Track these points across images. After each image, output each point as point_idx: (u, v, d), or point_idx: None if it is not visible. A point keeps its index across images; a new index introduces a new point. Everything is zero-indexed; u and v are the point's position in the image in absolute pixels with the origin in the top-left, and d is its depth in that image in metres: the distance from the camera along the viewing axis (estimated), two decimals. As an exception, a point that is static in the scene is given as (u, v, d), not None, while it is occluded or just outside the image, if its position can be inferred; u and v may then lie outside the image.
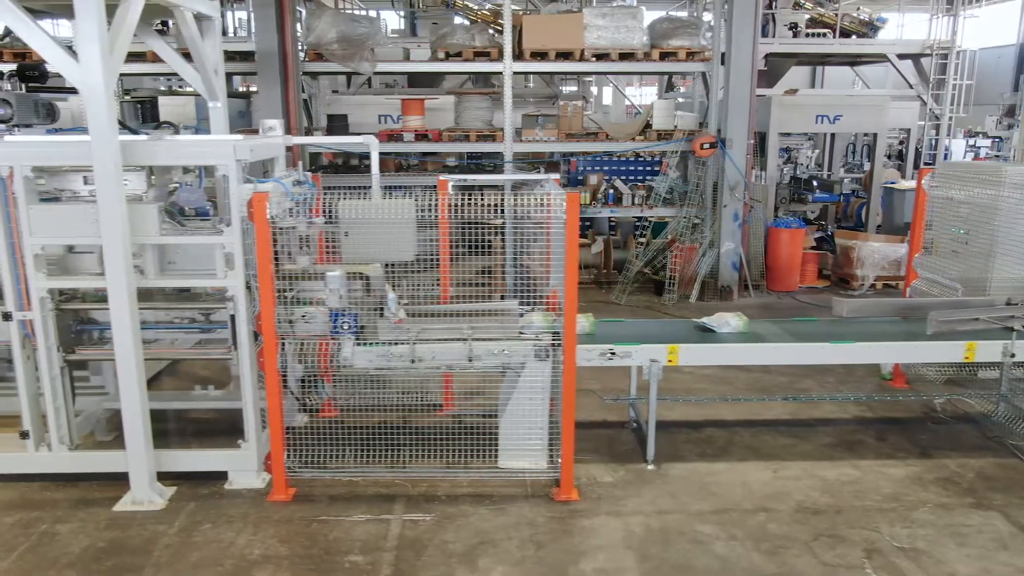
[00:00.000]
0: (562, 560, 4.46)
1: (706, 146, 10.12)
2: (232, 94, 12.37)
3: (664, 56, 10.28)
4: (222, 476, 5.29)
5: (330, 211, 5.21)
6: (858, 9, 15.76)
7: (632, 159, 12.31)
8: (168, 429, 5.95)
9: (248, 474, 5.27)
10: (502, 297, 6.37)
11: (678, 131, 10.57)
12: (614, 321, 6.43)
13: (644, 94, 31.58)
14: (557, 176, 6.20)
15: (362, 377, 6.32)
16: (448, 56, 10.16)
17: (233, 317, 5.05)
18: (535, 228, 5.61)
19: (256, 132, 10.06)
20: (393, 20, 19.85)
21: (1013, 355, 5.51)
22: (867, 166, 13.60)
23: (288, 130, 9.87)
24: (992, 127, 14.61)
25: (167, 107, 12.67)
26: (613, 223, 12.23)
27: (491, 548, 4.57)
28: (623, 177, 11.70)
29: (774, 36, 15.04)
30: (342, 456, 5.35)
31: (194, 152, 5.01)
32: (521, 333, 5.38)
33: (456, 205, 4.99)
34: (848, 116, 12.61)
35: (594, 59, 10.16)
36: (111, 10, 4.59)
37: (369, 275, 5.64)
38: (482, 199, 4.97)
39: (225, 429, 5.60)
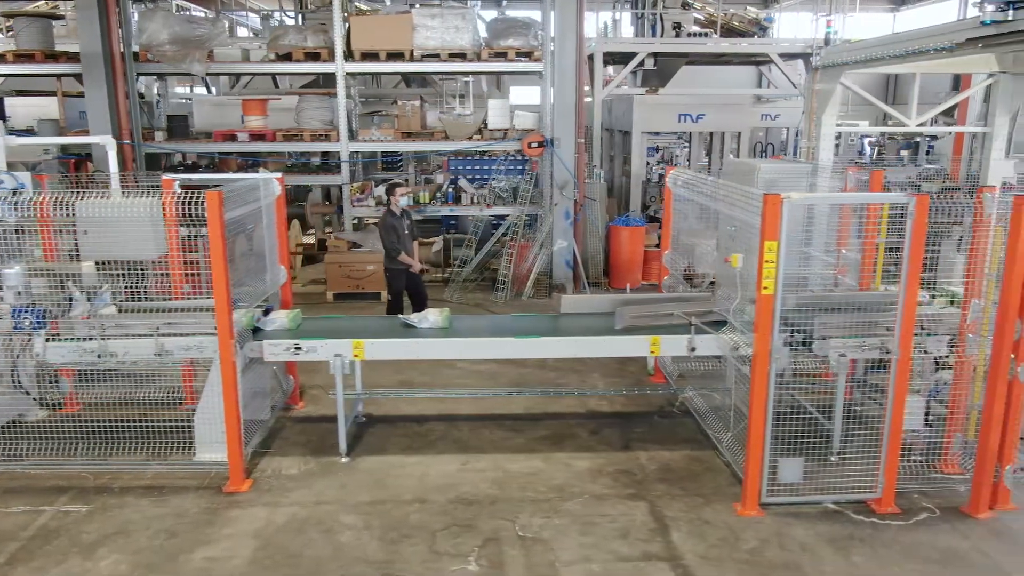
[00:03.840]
0: (180, 549, 4.56)
1: (534, 145, 10.23)
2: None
3: (498, 56, 10.38)
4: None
5: (57, 210, 5.33)
6: (746, 8, 15.86)
7: (501, 157, 12.41)
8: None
9: (-66, 467, 5.39)
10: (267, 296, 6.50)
11: (515, 130, 10.68)
12: (325, 317, 6.53)
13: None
14: (280, 175, 6.29)
15: (110, 373, 6.48)
16: (279, 57, 10.27)
17: (-93, 314, 5.17)
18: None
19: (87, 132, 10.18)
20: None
21: (694, 349, 5.60)
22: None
23: (119, 130, 10.00)
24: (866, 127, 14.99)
25: (31, 107, 12.82)
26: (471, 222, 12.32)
27: (122, 538, 4.68)
28: (473, 175, 11.79)
29: (659, 36, 15.18)
30: (48, 450, 5.48)
31: None
32: (218, 329, 5.49)
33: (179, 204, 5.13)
34: (711, 115, 12.77)
35: (425, 59, 10.26)
36: None
37: (80, 273, 5.78)
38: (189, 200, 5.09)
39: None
